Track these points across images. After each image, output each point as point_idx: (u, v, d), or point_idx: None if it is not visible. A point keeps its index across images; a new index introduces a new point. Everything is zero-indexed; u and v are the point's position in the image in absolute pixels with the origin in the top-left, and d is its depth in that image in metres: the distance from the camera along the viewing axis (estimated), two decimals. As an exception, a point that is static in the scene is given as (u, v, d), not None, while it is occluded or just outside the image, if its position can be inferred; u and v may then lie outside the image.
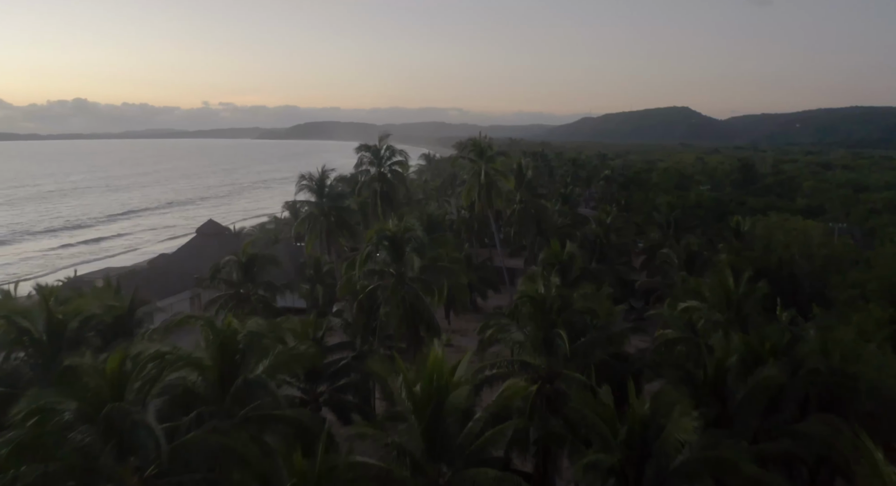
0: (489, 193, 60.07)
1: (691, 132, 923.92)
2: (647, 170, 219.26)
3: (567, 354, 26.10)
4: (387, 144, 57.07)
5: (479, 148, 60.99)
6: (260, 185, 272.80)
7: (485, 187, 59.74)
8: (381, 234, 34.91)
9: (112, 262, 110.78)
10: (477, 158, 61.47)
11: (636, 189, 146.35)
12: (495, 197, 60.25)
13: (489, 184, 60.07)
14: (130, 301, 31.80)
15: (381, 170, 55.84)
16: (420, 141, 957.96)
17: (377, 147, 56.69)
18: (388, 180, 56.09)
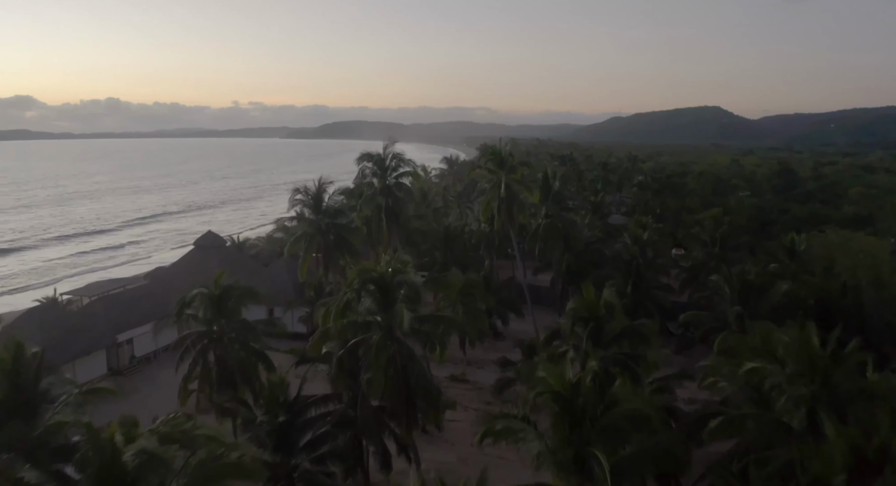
0: (510, 207, 52.81)
1: (722, 132, 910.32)
2: (680, 173, 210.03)
3: (607, 478, 18.67)
4: (393, 151, 49.99)
5: (498, 157, 53.71)
6: (283, 187, 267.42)
7: (505, 201, 52.48)
8: (364, 276, 27.72)
9: (114, 272, 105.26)
10: (496, 169, 54.21)
11: (670, 195, 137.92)
12: (517, 212, 52.96)
13: (510, 197, 52.76)
14: (37, 366, 24.52)
15: (387, 182, 48.81)
16: (447, 141, 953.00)
17: (381, 156, 49.69)
18: (395, 194, 49.05)
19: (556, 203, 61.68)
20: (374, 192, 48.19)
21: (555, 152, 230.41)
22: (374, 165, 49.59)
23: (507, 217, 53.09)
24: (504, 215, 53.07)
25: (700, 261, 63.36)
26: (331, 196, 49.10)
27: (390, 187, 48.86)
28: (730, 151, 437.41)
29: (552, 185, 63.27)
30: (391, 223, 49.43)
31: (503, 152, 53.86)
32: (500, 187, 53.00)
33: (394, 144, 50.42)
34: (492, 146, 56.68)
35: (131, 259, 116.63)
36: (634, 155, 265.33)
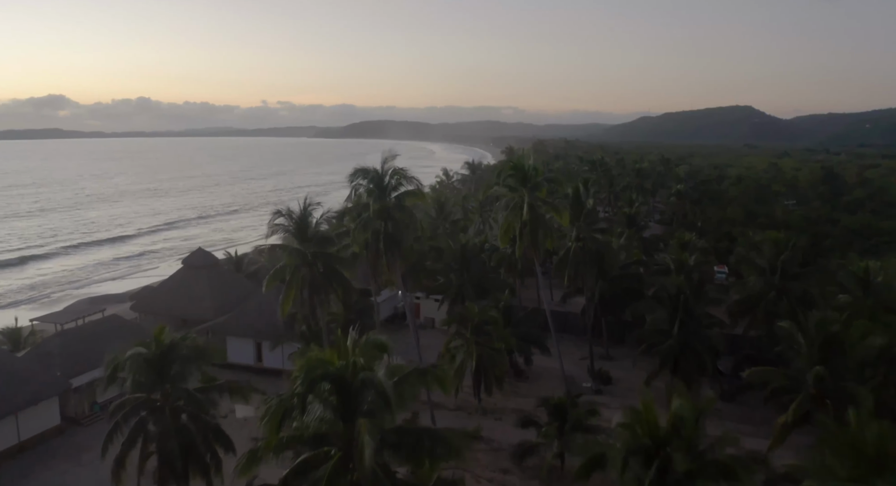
0: (534, 231, 44.30)
1: (754, 132, 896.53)
2: (717, 178, 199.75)
3: None
4: (393, 166, 41.69)
5: (520, 172, 45.21)
6: (305, 189, 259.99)
7: (529, 224, 43.97)
8: (314, 372, 19.07)
9: (112, 286, 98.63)
10: (518, 186, 45.73)
11: (709, 203, 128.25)
12: (543, 237, 44.44)
13: (534, 220, 44.24)
14: None
15: (385, 204, 40.59)
16: (474, 140, 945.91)
17: (378, 173, 41.47)
18: (395, 218, 40.81)
19: (589, 224, 53.00)
20: (368, 216, 39.94)
21: (584, 156, 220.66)
22: (369, 183, 41.41)
23: (531, 243, 44.59)
24: (527, 240, 44.57)
25: (757, 291, 54.24)
26: (319, 220, 40.95)
27: (389, 209, 40.62)
28: (764, 153, 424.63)
29: (584, 202, 54.50)
30: (391, 252, 41.21)
31: (526, 166, 45.31)
32: (523, 208, 44.50)
33: (394, 158, 42.17)
34: (512, 159, 47.82)
35: (131, 272, 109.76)
36: (667, 158, 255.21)
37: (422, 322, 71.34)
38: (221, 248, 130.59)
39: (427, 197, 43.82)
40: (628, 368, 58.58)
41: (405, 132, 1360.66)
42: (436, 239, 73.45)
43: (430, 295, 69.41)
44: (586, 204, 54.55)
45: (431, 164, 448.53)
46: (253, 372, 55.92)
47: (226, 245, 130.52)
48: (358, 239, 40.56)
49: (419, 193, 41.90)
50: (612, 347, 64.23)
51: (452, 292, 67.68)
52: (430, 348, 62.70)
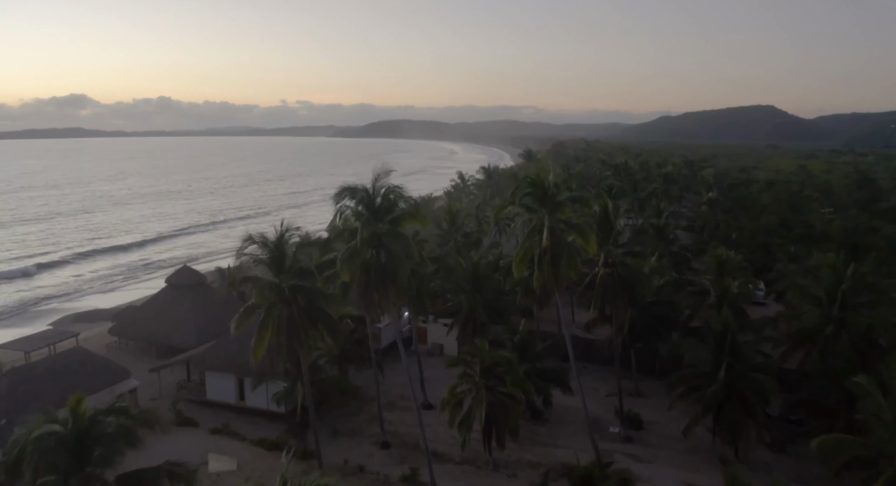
0: (556, 260, 37.36)
1: (776, 132, 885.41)
2: (744, 181, 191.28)
3: None
4: (387, 184, 35.02)
5: (540, 189, 38.27)
6: (321, 192, 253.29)
7: (549, 252, 37.05)
8: None
9: (96, 301, 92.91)
10: (537, 206, 38.82)
11: (742, 211, 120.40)
12: (566, 267, 37.52)
13: (556, 246, 37.28)
14: None
15: (377, 230, 33.88)
16: (492, 140, 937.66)
17: (369, 192, 34.78)
18: (388, 246, 34.10)
19: (619, 247, 45.82)
20: (356, 245, 33.20)
21: (606, 159, 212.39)
22: (357, 205, 34.74)
23: (551, 273, 37.67)
24: (547, 271, 37.63)
25: (812, 325, 46.94)
26: (302, 243, 34.37)
27: (381, 237, 33.94)
28: (789, 154, 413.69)
29: (614, 222, 47.35)
30: (383, 287, 34.54)
31: (546, 183, 38.35)
32: (542, 233, 37.57)
33: (388, 174, 35.53)
34: (531, 175, 40.63)
35: (127, 284, 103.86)
36: (691, 160, 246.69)
37: (428, 349, 64.64)
38: (223, 257, 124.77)
39: (430, 218, 37.03)
40: (661, 407, 51.54)
41: (423, 132, 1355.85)
42: (445, 257, 66.81)
43: (437, 319, 62.70)
44: (615, 224, 47.36)
45: (452, 164, 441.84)
46: (234, 412, 49.56)
47: (229, 254, 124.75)
48: (344, 272, 33.84)
49: (418, 216, 35.14)
50: (641, 379, 57.19)
51: (463, 315, 61.02)
52: (438, 382, 56.02)
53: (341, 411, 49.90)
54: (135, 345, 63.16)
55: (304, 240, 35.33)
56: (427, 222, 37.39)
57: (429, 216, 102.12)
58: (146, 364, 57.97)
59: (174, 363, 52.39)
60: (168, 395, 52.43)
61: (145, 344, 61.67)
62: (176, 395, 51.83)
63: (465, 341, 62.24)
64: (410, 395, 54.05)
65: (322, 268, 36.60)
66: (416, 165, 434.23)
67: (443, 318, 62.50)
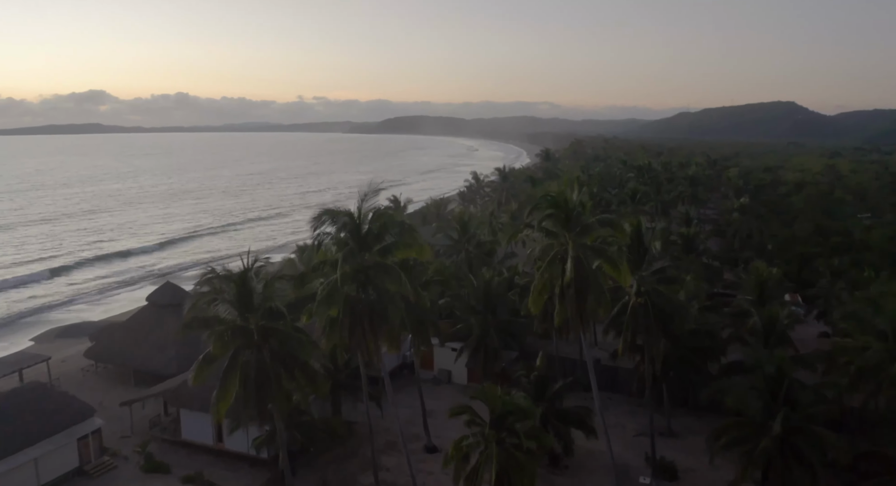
0: (581, 296, 31.19)
1: (796, 129, 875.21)
2: (772, 183, 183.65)
3: None
4: (377, 207, 28.96)
5: (563, 209, 31.97)
6: (334, 192, 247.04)
7: (574, 285, 30.85)
8: None
9: (87, 312, 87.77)
10: (559, 230, 32.56)
11: (773, 217, 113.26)
12: (594, 304, 31.32)
13: (582, 280, 31.08)
14: None
15: (362, 264, 27.78)
16: (510, 136, 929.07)
17: (353, 217, 28.63)
18: (377, 283, 28.04)
19: (653, 273, 39.42)
20: (335, 282, 27.13)
21: (627, 160, 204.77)
22: (339, 232, 28.71)
23: (576, 311, 31.46)
24: (571, 308, 31.43)
25: (876, 362, 40.40)
26: (269, 282, 28.35)
27: (368, 270, 27.90)
28: (811, 151, 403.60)
29: (649, 245, 40.78)
30: (372, 329, 28.52)
31: (569, 203, 32.03)
32: (566, 262, 31.33)
33: (377, 194, 29.55)
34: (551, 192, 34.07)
35: (120, 292, 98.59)
36: (714, 159, 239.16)
37: (435, 375, 58.49)
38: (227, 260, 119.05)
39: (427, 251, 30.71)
40: (697, 450, 45.21)
41: (440, 128, 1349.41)
42: (452, 268, 60.62)
43: (445, 343, 56.49)
44: (652, 248, 40.78)
45: (471, 162, 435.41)
46: (212, 455, 43.71)
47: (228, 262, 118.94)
48: (321, 314, 27.82)
49: (414, 245, 29.06)
50: (673, 413, 50.82)
51: (474, 340, 54.98)
52: (444, 417, 49.94)
53: (332, 454, 43.97)
54: (113, 370, 57.59)
55: (278, 272, 29.25)
56: (426, 252, 31.23)
57: (447, 220, 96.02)
58: (122, 393, 52.48)
59: (146, 398, 46.65)
60: (141, 432, 46.80)
61: (123, 369, 56.07)
62: (149, 433, 46.15)
63: (475, 367, 56.25)
64: (413, 433, 48.26)
65: (299, 305, 30.55)
66: (433, 163, 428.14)
67: (451, 342, 56.38)
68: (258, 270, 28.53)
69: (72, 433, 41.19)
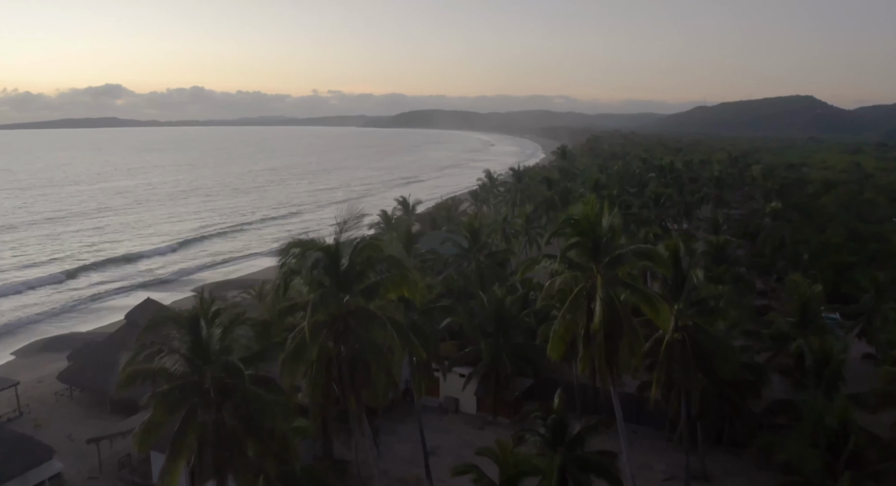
0: (612, 342, 25.71)
1: (815, 123, 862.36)
2: (797, 181, 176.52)
3: None
4: (362, 238, 23.57)
5: (589, 235, 26.31)
6: (346, 190, 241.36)
7: (603, 328, 25.34)
8: None
9: (78, 323, 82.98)
10: (585, 261, 27.03)
11: (804, 221, 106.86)
12: (628, 352, 25.83)
13: (613, 323, 25.59)
14: None
15: (340, 309, 22.41)
16: (525, 130, 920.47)
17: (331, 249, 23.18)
18: (357, 331, 22.65)
19: (692, 305, 33.68)
20: (302, 334, 21.79)
21: (647, 157, 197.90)
22: (313, 269, 23.33)
23: (605, 360, 25.98)
24: (599, 356, 25.94)
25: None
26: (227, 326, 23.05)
27: (348, 317, 22.55)
28: (832, 147, 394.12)
29: (689, 274, 34.88)
30: (351, 387, 23.23)
31: (598, 229, 26.41)
32: (595, 300, 25.88)
33: (359, 219, 24.21)
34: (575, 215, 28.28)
35: (114, 299, 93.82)
36: (735, 156, 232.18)
37: (441, 403, 53.05)
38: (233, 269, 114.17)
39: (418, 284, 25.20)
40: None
41: (454, 122, 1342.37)
42: (456, 288, 55.26)
43: (452, 367, 51.10)
44: (692, 276, 34.86)
45: (487, 158, 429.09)
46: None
47: (225, 269, 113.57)
48: (286, 375, 22.52)
49: (406, 283, 23.70)
50: (707, 451, 45.17)
51: (484, 365, 49.66)
52: (450, 454, 44.69)
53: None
54: (89, 395, 52.65)
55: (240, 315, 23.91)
56: (419, 291, 25.84)
57: (457, 225, 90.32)
58: (96, 423, 47.59)
59: (114, 436, 41.58)
60: (111, 472, 41.79)
61: (99, 395, 51.11)
62: (118, 475, 41.13)
63: (485, 395, 50.87)
64: (414, 476, 42.93)
65: (271, 350, 25.20)
66: (448, 159, 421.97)
67: (459, 367, 51.05)
68: (216, 312, 23.26)
69: (26, 480, 36.26)
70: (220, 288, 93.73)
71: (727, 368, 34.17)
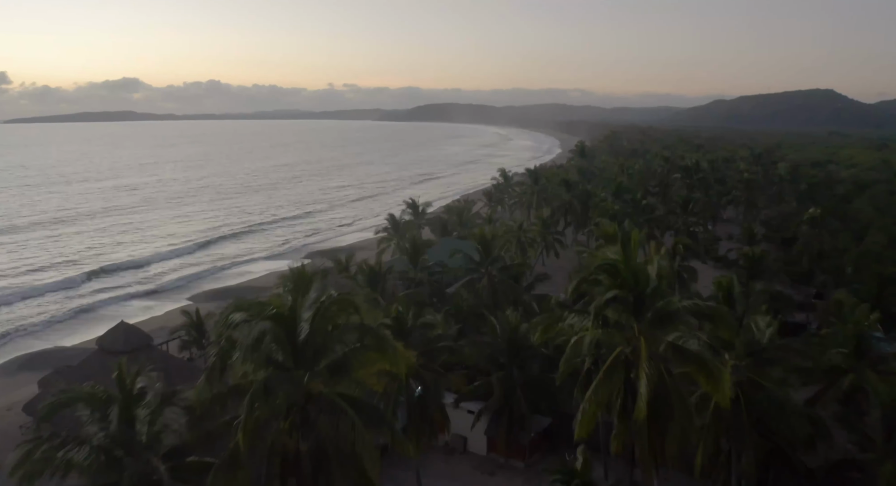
0: (658, 423, 20.01)
1: (836, 117, 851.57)
2: (825, 181, 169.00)
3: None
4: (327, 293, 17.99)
5: (632, 288, 20.48)
6: (356, 189, 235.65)
7: (648, 408, 19.67)
8: None
9: (69, 335, 78.31)
10: (626, 320, 21.30)
11: (840, 226, 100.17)
12: (679, 435, 20.16)
13: (662, 398, 19.91)
14: None
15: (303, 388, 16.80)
16: (540, 124, 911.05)
17: (284, 314, 17.63)
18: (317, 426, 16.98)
19: (750, 355, 27.60)
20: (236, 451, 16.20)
21: (669, 155, 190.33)
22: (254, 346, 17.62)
23: (649, 443, 20.32)
24: (642, 439, 20.24)
25: None
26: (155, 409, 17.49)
27: (308, 406, 16.87)
28: (855, 142, 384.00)
29: (741, 317, 28.58)
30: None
31: (641, 278, 20.57)
32: (638, 373, 20.15)
33: (324, 276, 18.67)
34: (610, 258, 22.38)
35: (105, 309, 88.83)
36: (758, 153, 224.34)
37: (448, 441, 47.27)
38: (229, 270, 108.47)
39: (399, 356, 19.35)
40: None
41: (470, 115, 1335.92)
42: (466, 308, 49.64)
43: (460, 402, 45.43)
44: (758, 332, 28.44)
45: (504, 153, 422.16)
46: None
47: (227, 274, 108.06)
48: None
49: (387, 354, 18.09)
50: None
51: (495, 401, 44.04)
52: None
53: None
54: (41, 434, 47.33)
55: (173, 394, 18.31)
56: (406, 362, 20.20)
57: (469, 231, 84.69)
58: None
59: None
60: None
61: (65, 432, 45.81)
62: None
63: (497, 435, 45.23)
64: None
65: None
66: (465, 154, 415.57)
67: (467, 402, 45.39)
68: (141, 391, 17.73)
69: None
70: (218, 296, 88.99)
71: (792, 430, 28.22)
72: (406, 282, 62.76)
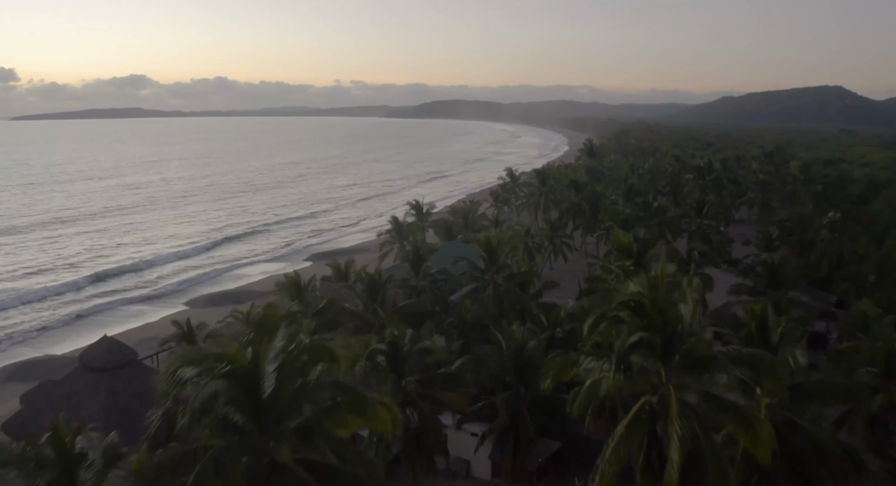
0: (689, 482, 17.31)
1: (845, 114, 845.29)
2: (839, 180, 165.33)
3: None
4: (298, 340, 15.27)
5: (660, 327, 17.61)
6: (361, 189, 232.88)
7: (677, 474, 16.91)
8: None
9: (62, 342, 75.91)
10: (653, 365, 18.32)
11: (859, 231, 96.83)
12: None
13: (696, 459, 17.11)
14: None
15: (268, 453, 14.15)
16: (547, 121, 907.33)
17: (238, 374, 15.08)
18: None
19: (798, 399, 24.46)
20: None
21: (680, 154, 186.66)
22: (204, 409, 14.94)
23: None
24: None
25: None
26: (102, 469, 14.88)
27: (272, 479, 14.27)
28: (865, 140, 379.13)
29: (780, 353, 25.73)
30: None
31: (669, 317, 17.67)
32: (670, 428, 17.29)
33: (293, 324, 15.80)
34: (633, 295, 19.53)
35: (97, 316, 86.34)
36: (769, 151, 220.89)
37: (449, 466, 44.42)
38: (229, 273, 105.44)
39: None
40: None
41: (477, 112, 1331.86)
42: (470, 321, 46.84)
43: (462, 424, 42.61)
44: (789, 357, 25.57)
45: (512, 150, 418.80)
46: None
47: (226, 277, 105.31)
48: None
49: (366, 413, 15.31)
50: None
51: (500, 423, 41.20)
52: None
53: None
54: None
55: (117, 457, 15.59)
56: (394, 421, 17.45)
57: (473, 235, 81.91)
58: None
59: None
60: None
61: (44, 455, 43.29)
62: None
63: (502, 459, 42.42)
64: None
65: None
66: (472, 152, 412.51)
67: (470, 423, 42.56)
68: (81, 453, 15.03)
69: None
70: (215, 301, 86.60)
71: (831, 474, 25.34)
72: (407, 290, 60.06)
